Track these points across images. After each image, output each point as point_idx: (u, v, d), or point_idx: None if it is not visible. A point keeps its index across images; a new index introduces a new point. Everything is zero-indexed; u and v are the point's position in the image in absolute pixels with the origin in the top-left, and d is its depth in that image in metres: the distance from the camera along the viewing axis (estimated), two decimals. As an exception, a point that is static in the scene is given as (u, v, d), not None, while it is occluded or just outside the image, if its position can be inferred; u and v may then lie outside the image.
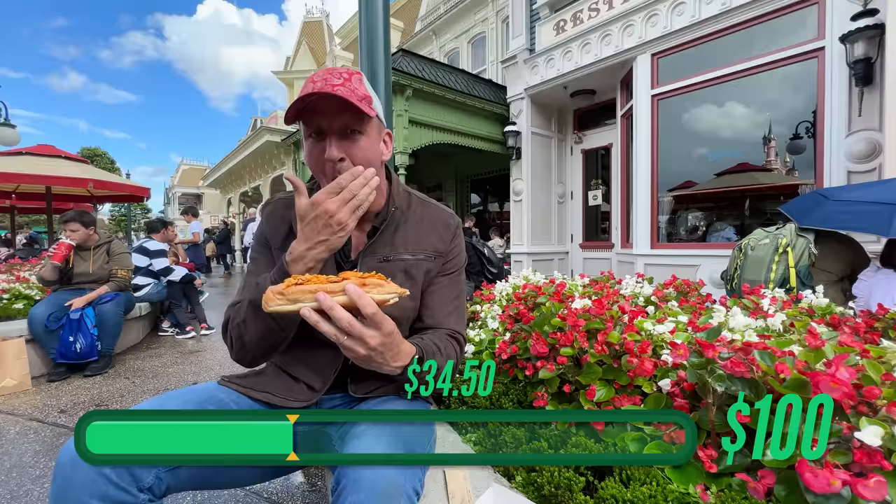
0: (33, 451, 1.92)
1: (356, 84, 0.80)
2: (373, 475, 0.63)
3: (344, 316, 0.63)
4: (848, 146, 3.44)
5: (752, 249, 2.30)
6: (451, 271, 0.99)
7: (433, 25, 11.01)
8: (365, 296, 0.64)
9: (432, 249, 0.95)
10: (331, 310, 0.63)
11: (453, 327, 0.95)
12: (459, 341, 0.95)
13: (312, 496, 1.60)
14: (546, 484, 0.87)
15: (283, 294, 0.65)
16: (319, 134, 0.81)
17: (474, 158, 8.18)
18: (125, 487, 0.64)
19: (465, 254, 1.04)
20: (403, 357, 0.73)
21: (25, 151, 6.55)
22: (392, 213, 0.93)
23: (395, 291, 0.68)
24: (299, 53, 18.23)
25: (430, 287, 0.95)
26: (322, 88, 0.76)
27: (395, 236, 0.93)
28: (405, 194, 0.99)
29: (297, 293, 0.64)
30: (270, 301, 0.65)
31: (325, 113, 0.79)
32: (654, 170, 4.87)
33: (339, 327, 0.64)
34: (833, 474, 0.63)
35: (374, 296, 0.65)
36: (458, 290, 1.01)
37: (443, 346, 0.87)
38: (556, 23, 5.90)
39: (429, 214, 0.98)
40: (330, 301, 0.63)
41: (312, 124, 0.81)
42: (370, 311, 0.64)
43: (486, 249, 3.87)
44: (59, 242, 3.02)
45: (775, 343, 0.98)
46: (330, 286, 0.64)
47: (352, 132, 0.81)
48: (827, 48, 3.60)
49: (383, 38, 1.97)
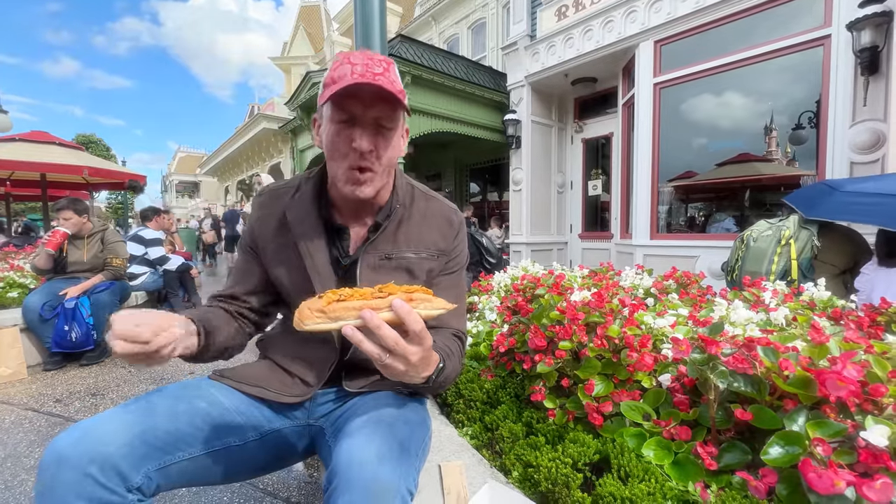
0: (28, 441, 1.92)
1: (394, 76, 0.77)
2: (366, 475, 0.61)
3: (390, 335, 0.58)
4: (852, 136, 3.39)
5: (754, 241, 2.27)
6: (453, 269, 0.97)
7: (432, 11, 10.80)
8: (412, 312, 0.60)
9: (435, 248, 0.92)
10: (378, 329, 0.58)
11: (456, 326, 0.92)
12: (462, 340, 0.93)
13: (309, 487, 1.60)
14: (543, 480, 0.86)
15: (323, 312, 0.59)
16: (350, 121, 0.77)
17: (473, 147, 8.09)
18: (112, 488, 0.62)
19: (467, 251, 1.02)
20: (431, 366, 0.70)
21: (19, 138, 6.44)
22: (395, 209, 0.90)
23: (443, 307, 0.65)
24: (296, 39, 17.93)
25: (433, 286, 0.93)
26: (363, 75, 0.72)
27: (397, 233, 0.90)
28: (408, 188, 0.95)
29: (340, 310, 0.59)
30: (307, 319, 0.59)
31: (362, 101, 0.75)
32: (654, 159, 4.83)
33: (384, 346, 0.59)
34: (837, 475, 0.62)
35: (420, 311, 0.61)
36: (461, 288, 0.99)
37: (453, 348, 0.85)
38: (557, 8, 5.78)
39: (432, 210, 0.95)
40: (377, 319, 0.58)
41: (346, 110, 0.77)
42: (417, 328, 0.60)
43: (484, 239, 3.85)
44: (54, 230, 2.98)
45: (778, 338, 0.96)
46: (375, 302, 0.60)
47: (383, 125, 0.78)
48: (833, 36, 3.53)
49: (379, 23, 1.91)
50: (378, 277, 0.87)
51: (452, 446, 1.07)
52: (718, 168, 4.67)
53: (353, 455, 0.64)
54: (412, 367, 0.63)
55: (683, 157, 4.91)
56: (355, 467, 0.62)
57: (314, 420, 0.90)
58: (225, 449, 0.78)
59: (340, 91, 0.73)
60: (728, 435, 0.85)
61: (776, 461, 0.70)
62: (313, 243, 0.88)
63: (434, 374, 0.71)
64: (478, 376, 1.36)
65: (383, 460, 0.64)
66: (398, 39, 6.02)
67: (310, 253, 0.87)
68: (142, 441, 0.66)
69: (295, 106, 7.18)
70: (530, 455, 0.94)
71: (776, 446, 0.71)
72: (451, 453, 1.03)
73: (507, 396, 1.24)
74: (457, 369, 0.84)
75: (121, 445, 0.63)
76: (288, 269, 0.90)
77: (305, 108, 6.93)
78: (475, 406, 1.25)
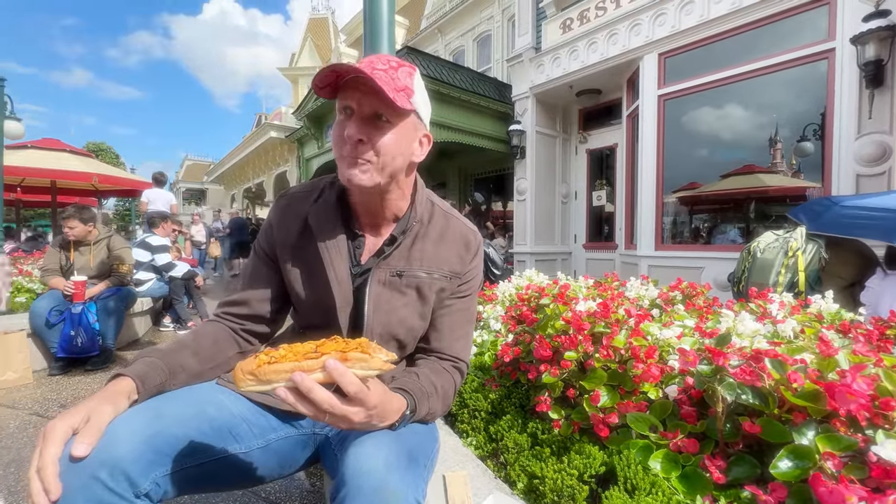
0: (33, 446, 1.91)
1: (402, 76, 0.78)
2: (374, 483, 0.61)
3: (323, 398, 0.56)
4: (857, 149, 3.39)
5: (760, 252, 2.27)
6: (465, 293, 0.94)
7: (439, 23, 10.95)
8: (347, 373, 0.58)
9: (449, 269, 0.90)
10: (309, 392, 0.56)
11: (459, 355, 0.91)
12: (462, 371, 0.91)
13: (311, 497, 1.59)
14: (548, 492, 0.85)
15: (254, 375, 0.58)
16: (348, 112, 0.79)
17: (478, 157, 8.14)
18: (121, 493, 0.61)
19: (482, 276, 0.99)
20: (393, 416, 0.69)
21: (31, 145, 6.56)
22: (412, 226, 0.88)
23: (380, 368, 0.62)
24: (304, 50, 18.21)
25: (442, 309, 0.91)
26: (360, 69, 0.73)
27: (411, 250, 0.88)
28: (428, 203, 0.94)
29: (271, 374, 0.57)
30: (241, 382, 0.58)
31: (356, 92, 0.77)
32: (659, 170, 4.84)
33: (319, 409, 0.58)
34: (849, 490, 0.61)
35: (357, 371, 0.59)
36: (470, 315, 0.96)
37: (439, 385, 0.83)
38: (562, 21, 5.85)
39: (450, 230, 0.92)
40: (308, 383, 0.56)
41: (343, 102, 0.78)
42: (352, 390, 0.58)
43: (491, 251, 3.84)
44: (75, 282, 2.97)
45: (786, 350, 0.95)
46: (307, 363, 0.58)
47: (380, 118, 0.78)
48: (837, 49, 3.55)
49: (387, 35, 1.95)
50: (388, 294, 0.86)
51: (456, 456, 1.07)
52: (723, 179, 4.67)
53: (361, 464, 0.63)
54: (360, 424, 0.61)
55: (688, 168, 4.92)
56: (363, 476, 0.62)
57: (319, 429, 0.90)
58: (230, 456, 0.78)
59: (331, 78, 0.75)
60: (736, 448, 0.84)
61: (786, 475, 0.70)
62: (336, 250, 0.87)
63: (399, 422, 0.70)
64: (482, 386, 1.36)
65: (391, 469, 0.63)
66: (405, 51, 6.11)
67: (331, 259, 0.86)
68: (150, 446, 0.66)
69: (302, 115, 7.28)
70: (535, 466, 0.93)
71: (785, 460, 0.71)
72: (455, 463, 1.03)
73: (512, 407, 1.23)
74: (440, 408, 0.82)
75: (130, 450, 0.63)
76: (306, 276, 0.89)
77: (312, 117, 7.02)
78: (479, 416, 1.24)
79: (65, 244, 3.21)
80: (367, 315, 0.85)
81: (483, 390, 1.32)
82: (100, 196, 8.65)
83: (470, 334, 0.96)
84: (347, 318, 0.87)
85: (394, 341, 0.89)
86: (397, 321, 0.87)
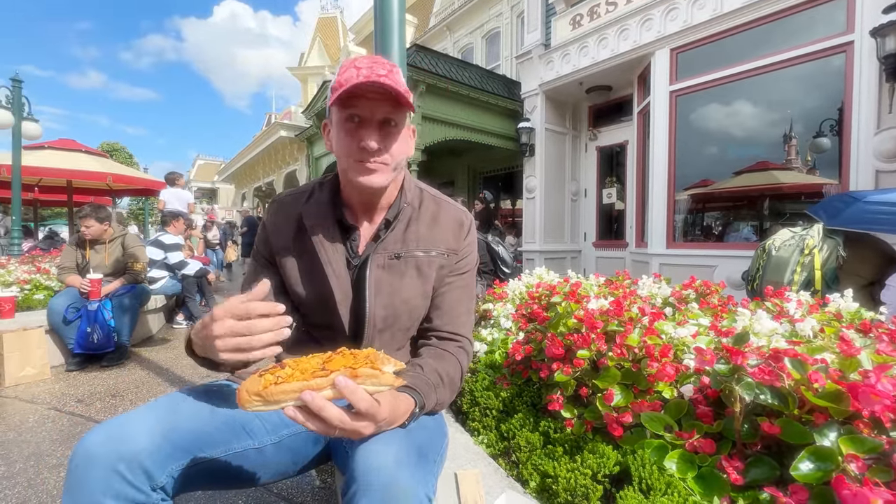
0: (51, 440, 1.96)
1: (399, 77, 0.79)
2: (384, 479, 0.61)
3: (334, 416, 0.57)
4: (877, 144, 3.31)
5: (776, 250, 2.22)
6: (463, 270, 0.96)
7: (447, 21, 10.93)
8: (358, 391, 0.58)
9: (446, 247, 0.92)
10: (320, 411, 0.56)
11: (462, 332, 0.92)
12: (467, 350, 0.92)
13: (322, 493, 1.60)
14: (561, 492, 0.84)
15: (261, 396, 0.56)
16: (358, 120, 0.80)
17: (487, 155, 8.11)
18: (139, 486, 0.63)
19: (476, 254, 1.01)
20: (401, 418, 0.70)
21: (48, 146, 6.69)
22: (403, 208, 0.91)
23: (391, 384, 0.62)
24: (314, 49, 18.30)
25: (442, 288, 0.93)
26: (368, 76, 0.74)
27: (406, 232, 0.90)
28: (416, 190, 0.96)
29: (279, 394, 0.56)
30: (247, 403, 0.57)
31: (368, 101, 0.78)
32: (671, 167, 4.77)
33: (330, 425, 0.58)
34: (873, 492, 0.59)
35: (367, 387, 0.59)
36: (470, 292, 0.98)
37: (444, 373, 0.83)
38: (572, 17, 5.80)
39: (442, 212, 0.95)
40: (319, 402, 0.56)
41: (354, 111, 0.79)
42: (364, 406, 0.58)
43: (500, 249, 3.83)
44: (91, 279, 3.04)
45: (806, 350, 0.93)
46: (316, 381, 0.57)
47: (389, 123, 0.81)
48: (856, 42, 3.46)
49: (398, 34, 1.94)
50: (388, 277, 0.88)
51: (468, 454, 1.06)
52: (736, 176, 4.59)
53: (371, 460, 0.64)
54: (369, 434, 0.63)
55: (700, 165, 4.84)
56: (373, 472, 0.62)
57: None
58: (243, 452, 0.79)
59: (347, 91, 0.75)
60: (754, 449, 0.82)
61: (807, 477, 0.68)
62: (331, 246, 0.88)
63: (408, 420, 0.71)
64: (493, 384, 1.35)
65: (401, 465, 0.63)
66: (413, 49, 6.10)
67: (328, 255, 0.88)
68: (167, 441, 0.67)
69: (311, 114, 7.33)
70: (548, 465, 0.92)
71: (807, 462, 0.69)
72: (466, 461, 1.02)
73: (524, 405, 1.23)
74: (448, 396, 0.84)
75: (147, 444, 0.64)
76: (305, 275, 0.91)
77: (322, 116, 7.06)
78: (491, 414, 1.24)
79: (81, 243, 3.27)
80: (369, 300, 0.86)
81: (494, 388, 1.32)
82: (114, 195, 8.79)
83: (471, 311, 0.98)
84: (348, 311, 0.88)
85: (397, 326, 0.91)
86: (400, 302, 0.88)
